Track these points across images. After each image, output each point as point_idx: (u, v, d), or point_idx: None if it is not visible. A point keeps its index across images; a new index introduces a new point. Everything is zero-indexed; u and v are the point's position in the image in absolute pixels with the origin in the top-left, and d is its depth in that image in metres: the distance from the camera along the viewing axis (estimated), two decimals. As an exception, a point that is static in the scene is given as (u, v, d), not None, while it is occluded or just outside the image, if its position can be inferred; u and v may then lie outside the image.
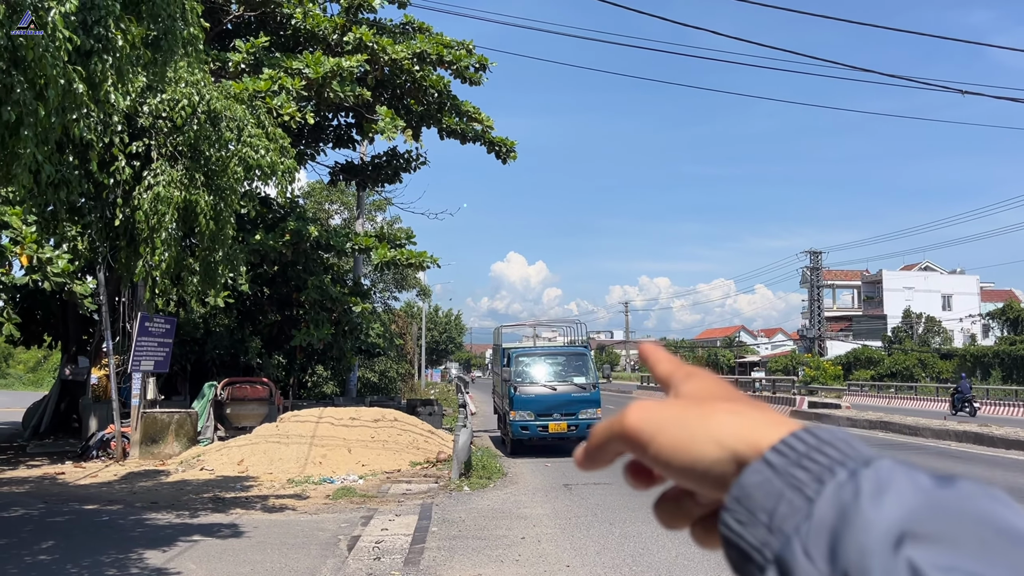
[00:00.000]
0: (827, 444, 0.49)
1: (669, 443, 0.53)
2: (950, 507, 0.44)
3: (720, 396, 0.56)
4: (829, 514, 0.45)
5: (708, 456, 0.51)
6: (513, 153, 21.95)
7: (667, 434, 0.53)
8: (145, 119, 10.18)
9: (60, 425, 20.20)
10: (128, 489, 12.65)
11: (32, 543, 8.79)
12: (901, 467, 0.47)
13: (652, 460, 0.54)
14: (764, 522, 0.47)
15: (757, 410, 0.54)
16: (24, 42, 5.62)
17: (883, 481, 0.45)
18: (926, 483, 0.45)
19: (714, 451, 0.51)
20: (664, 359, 0.62)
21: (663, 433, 0.53)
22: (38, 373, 60.04)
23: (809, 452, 0.48)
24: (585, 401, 17.55)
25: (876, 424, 24.12)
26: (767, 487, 0.48)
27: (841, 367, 55.27)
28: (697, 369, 0.60)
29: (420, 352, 54.43)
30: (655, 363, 0.63)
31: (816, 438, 0.49)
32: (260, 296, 23.21)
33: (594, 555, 8.42)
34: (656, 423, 0.54)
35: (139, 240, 10.05)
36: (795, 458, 0.48)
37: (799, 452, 0.48)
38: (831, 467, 0.47)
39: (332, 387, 30.28)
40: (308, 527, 9.87)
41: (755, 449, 0.50)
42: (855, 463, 0.47)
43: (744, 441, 0.51)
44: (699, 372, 0.60)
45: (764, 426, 0.52)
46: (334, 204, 43.85)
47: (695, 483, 0.53)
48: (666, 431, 0.53)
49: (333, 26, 19.30)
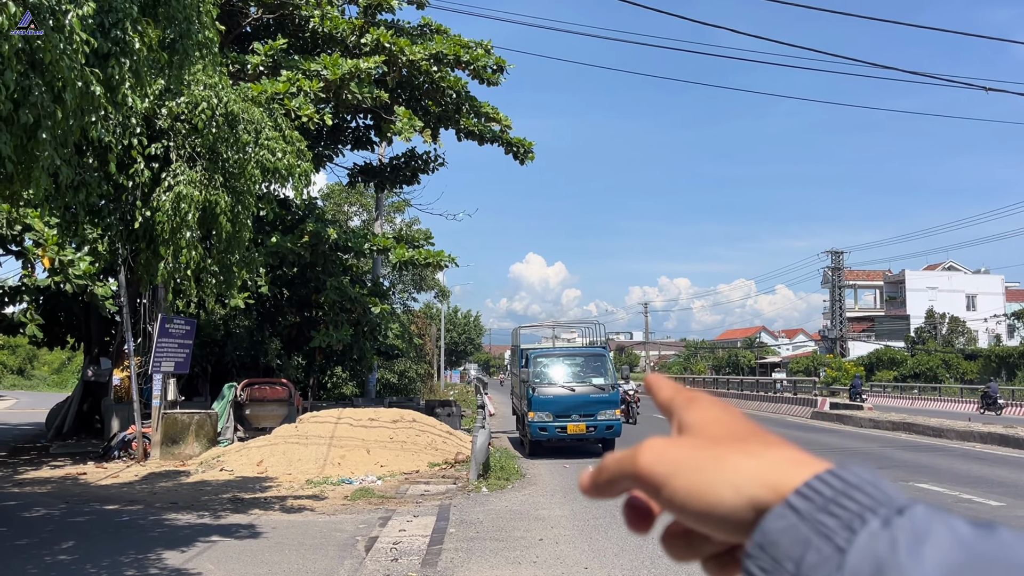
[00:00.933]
0: (855, 488, 0.45)
1: (684, 487, 0.50)
2: (992, 560, 0.40)
3: (730, 431, 0.54)
4: (864, 568, 0.42)
5: (725, 502, 0.48)
6: (531, 154, 21.91)
7: (681, 478, 0.51)
8: (164, 121, 10.25)
9: (83, 426, 20.40)
10: (148, 489, 12.73)
11: (53, 543, 8.86)
12: (937, 515, 0.43)
13: (666, 503, 0.52)
14: (791, 571, 0.44)
15: (773, 447, 0.51)
16: (42, 44, 5.66)
17: (920, 531, 0.42)
18: (965, 533, 0.42)
19: (731, 497, 0.48)
20: (664, 386, 0.60)
21: (677, 476, 0.51)
22: (62, 374, 60.81)
23: (836, 497, 0.45)
24: (604, 402, 17.47)
25: (899, 425, 23.83)
26: (793, 533, 0.45)
27: (863, 368, 54.75)
28: (698, 394, 0.58)
29: (439, 353, 54.51)
30: (656, 391, 0.61)
31: (843, 481, 0.46)
32: (280, 298, 23.32)
33: (612, 557, 8.36)
34: (670, 465, 0.52)
35: (159, 242, 10.11)
36: (822, 503, 0.45)
37: (826, 496, 0.45)
38: (861, 514, 0.44)
39: (351, 388, 30.37)
40: (326, 528, 9.88)
41: (776, 492, 0.47)
42: (888, 510, 0.44)
43: (763, 485, 0.48)
44: (700, 397, 0.57)
45: (784, 467, 0.49)
46: (353, 206, 44.02)
47: (712, 528, 0.50)
48: (680, 474, 0.51)
49: (351, 28, 19.36)
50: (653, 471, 0.52)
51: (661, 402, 0.60)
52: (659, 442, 0.54)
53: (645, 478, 0.52)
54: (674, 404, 0.58)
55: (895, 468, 15.34)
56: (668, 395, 0.59)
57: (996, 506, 11.21)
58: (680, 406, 0.57)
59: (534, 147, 21.91)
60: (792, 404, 33.46)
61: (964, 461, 16.46)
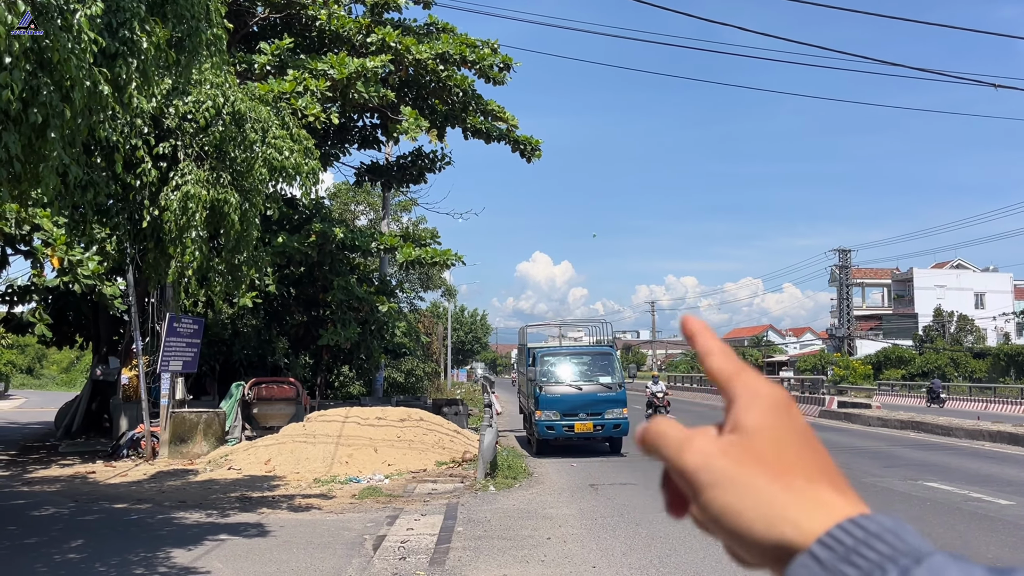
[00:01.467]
0: (876, 537, 0.47)
1: (720, 503, 0.51)
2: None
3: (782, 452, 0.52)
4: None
5: (756, 533, 0.49)
6: (538, 152, 21.91)
7: (720, 492, 0.51)
8: (171, 120, 10.27)
9: (91, 425, 20.47)
10: (157, 488, 12.77)
11: (62, 541, 8.89)
12: (955, 563, 0.44)
13: (699, 507, 0.52)
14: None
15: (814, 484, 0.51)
16: (50, 44, 5.67)
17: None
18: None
19: (762, 530, 0.49)
20: (718, 350, 0.57)
21: (716, 489, 0.51)
22: (71, 373, 61.05)
23: (857, 546, 0.46)
24: (611, 401, 17.45)
25: (908, 424, 23.74)
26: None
27: (871, 366, 54.55)
28: (762, 385, 0.55)
29: (446, 352, 54.54)
30: (706, 352, 0.58)
31: (864, 530, 0.47)
32: (287, 297, 23.35)
33: (620, 556, 8.35)
34: (713, 475, 0.52)
35: (167, 241, 10.14)
36: (843, 553, 0.46)
37: (847, 546, 0.46)
38: (882, 564, 0.45)
39: (358, 387, 30.42)
40: (334, 527, 9.89)
41: (804, 536, 0.48)
42: (907, 560, 0.45)
43: (794, 526, 0.49)
44: (764, 393, 0.55)
45: (817, 510, 0.49)
46: (360, 205, 44.07)
47: (737, 546, 0.51)
48: (720, 488, 0.51)
49: (357, 27, 19.37)
50: (695, 475, 0.52)
51: (715, 371, 0.57)
52: (708, 446, 0.53)
53: (688, 476, 0.53)
54: (734, 388, 0.55)
55: (904, 467, 15.29)
56: (726, 369, 0.56)
57: (1005, 504, 11.16)
58: (741, 397, 0.55)
59: (541, 145, 21.91)
60: (800, 403, 33.38)
61: (973, 460, 16.39)
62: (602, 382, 17.78)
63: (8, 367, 50.32)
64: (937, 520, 10.03)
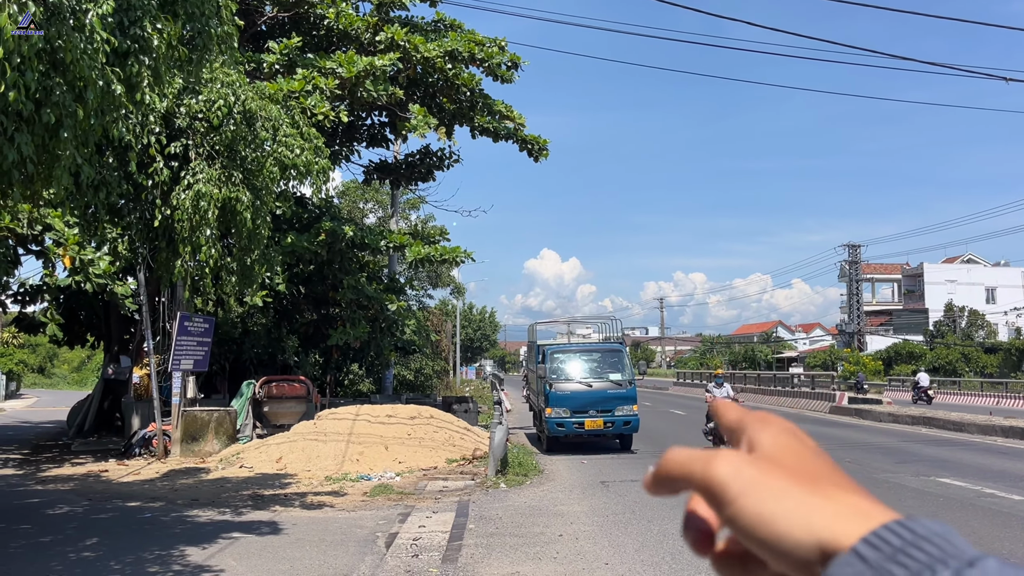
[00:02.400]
0: (925, 539, 0.45)
1: (753, 510, 0.49)
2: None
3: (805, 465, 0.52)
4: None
5: (793, 537, 0.48)
6: (545, 151, 21.88)
7: (752, 500, 0.50)
8: (182, 120, 10.30)
9: (104, 423, 20.56)
10: (170, 486, 12.82)
11: (77, 540, 8.94)
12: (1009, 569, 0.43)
13: (728, 520, 0.51)
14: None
15: (846, 492, 0.51)
16: (63, 44, 5.69)
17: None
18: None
19: (800, 534, 0.48)
20: (731, 408, 0.59)
21: (748, 497, 0.50)
22: (82, 372, 61.35)
23: (905, 547, 0.45)
24: (621, 398, 17.43)
25: (919, 420, 23.65)
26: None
27: (881, 362, 54.36)
28: (771, 416, 0.57)
29: (455, 350, 54.59)
30: (723, 414, 0.60)
31: (912, 532, 0.46)
32: (297, 295, 23.41)
33: (633, 552, 8.34)
34: (744, 483, 0.51)
35: (178, 240, 10.17)
36: (890, 553, 0.45)
37: (894, 547, 0.45)
38: (931, 565, 0.44)
39: (368, 385, 30.48)
40: (346, 524, 9.91)
41: (845, 539, 0.47)
42: (958, 563, 0.44)
43: (833, 529, 0.47)
44: (774, 420, 0.56)
45: (856, 514, 0.48)
46: (368, 203, 44.13)
47: (771, 558, 0.49)
48: (752, 496, 0.50)
49: (366, 25, 19.38)
50: (725, 485, 0.51)
51: (727, 423, 0.58)
52: (735, 456, 0.53)
53: (715, 489, 0.51)
54: (744, 423, 0.56)
55: (916, 463, 15.22)
56: (736, 415, 0.58)
57: (1019, 500, 11.10)
58: (752, 425, 0.56)
59: (548, 144, 21.88)
60: (810, 399, 33.27)
61: (986, 455, 16.31)
62: (612, 379, 17.76)
63: (20, 366, 50.62)
64: (950, 516, 9.98)
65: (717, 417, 0.60)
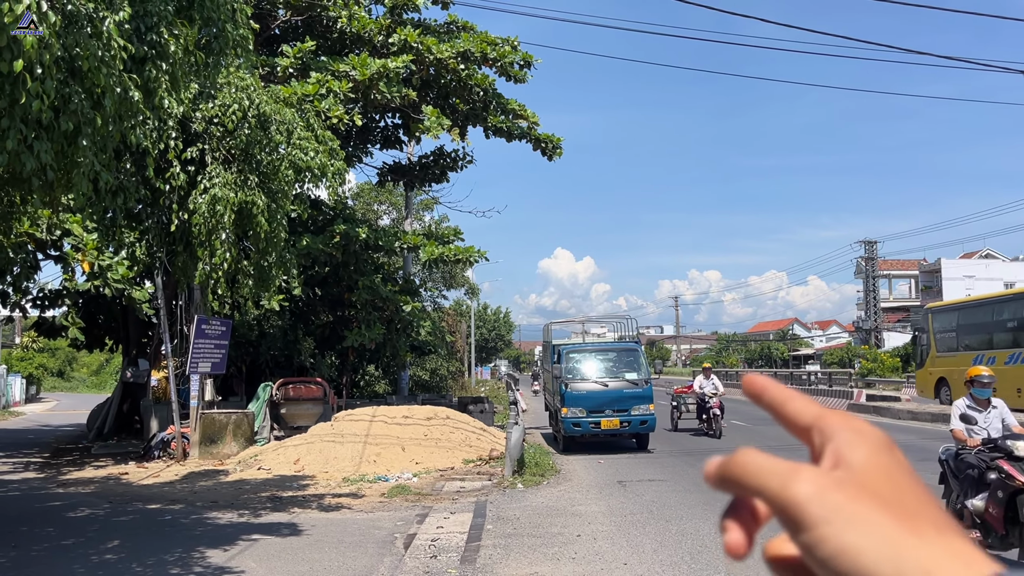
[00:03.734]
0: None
1: (836, 542, 0.45)
2: None
3: (899, 494, 0.47)
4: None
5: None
6: (559, 150, 21.87)
7: (836, 529, 0.45)
8: (198, 124, 10.37)
9: (123, 426, 20.73)
10: (189, 489, 12.91)
11: (98, 542, 9.01)
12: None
13: (803, 546, 0.46)
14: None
15: (944, 534, 0.46)
16: (80, 52, 5.74)
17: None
18: None
19: (889, 575, 0.44)
20: (798, 395, 0.52)
21: (832, 526, 0.45)
22: (101, 376, 61.86)
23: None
24: (638, 397, 17.38)
25: (939, 417, 23.43)
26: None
27: (899, 359, 53.93)
28: (860, 424, 0.50)
29: (470, 350, 54.65)
30: (785, 398, 0.52)
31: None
32: (312, 297, 23.51)
33: (651, 553, 8.32)
34: (828, 510, 0.45)
35: (195, 244, 10.25)
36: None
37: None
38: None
39: (384, 386, 30.56)
40: (364, 525, 9.95)
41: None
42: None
43: (929, 575, 0.43)
44: (866, 431, 0.50)
45: (955, 562, 0.44)
46: (383, 204, 44.25)
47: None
48: (836, 525, 0.45)
49: (378, 28, 19.44)
50: (806, 508, 0.46)
51: (801, 421, 0.51)
52: (820, 475, 0.47)
53: (792, 511, 0.46)
54: (829, 428, 0.50)
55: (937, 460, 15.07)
56: (814, 414, 0.51)
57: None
58: (840, 433, 0.49)
59: (562, 143, 21.87)
60: (827, 396, 33.09)
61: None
62: (628, 378, 17.72)
63: (40, 370, 51.06)
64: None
65: (778, 406, 0.52)
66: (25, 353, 48.79)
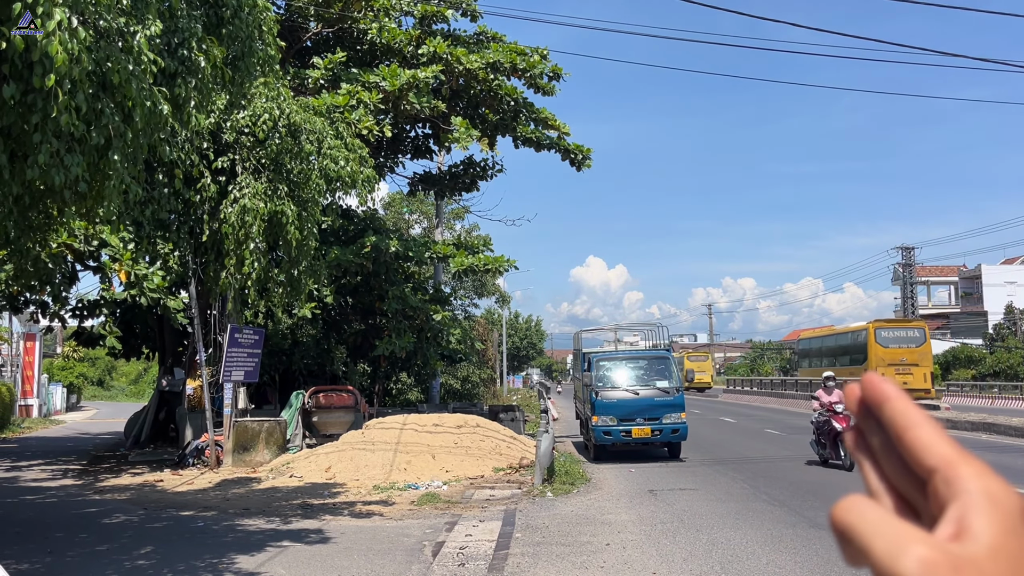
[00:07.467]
0: None
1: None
2: None
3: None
4: None
5: None
6: (588, 161, 21.78)
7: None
8: (229, 134, 10.52)
9: (159, 434, 21.04)
10: (222, 496, 13.05)
11: (131, 548, 9.14)
12: None
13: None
14: None
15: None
16: (111, 66, 5.85)
17: None
18: None
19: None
20: (927, 422, 0.45)
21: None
22: (139, 385, 62.90)
23: None
24: (669, 405, 17.25)
25: (979, 426, 22.96)
26: None
27: (939, 367, 52.89)
28: (998, 484, 0.43)
29: (501, 358, 54.65)
30: (911, 423, 0.45)
31: None
32: (344, 306, 23.69)
33: (681, 562, 8.24)
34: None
35: (225, 253, 10.38)
36: None
37: None
38: None
39: (416, 394, 30.66)
40: (394, 533, 9.97)
41: None
42: None
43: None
44: (1001, 492, 0.43)
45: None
46: (414, 214, 44.51)
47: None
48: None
49: (408, 39, 19.59)
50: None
51: (924, 451, 0.44)
52: (933, 551, 0.40)
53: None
54: (957, 483, 0.43)
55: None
56: (943, 453, 0.44)
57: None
58: (969, 495, 0.43)
59: (591, 153, 21.79)
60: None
61: (1050, 462, 15.75)
62: (659, 386, 17.59)
63: (80, 379, 52.05)
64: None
65: (899, 428, 0.45)
66: (66, 363, 49.75)
